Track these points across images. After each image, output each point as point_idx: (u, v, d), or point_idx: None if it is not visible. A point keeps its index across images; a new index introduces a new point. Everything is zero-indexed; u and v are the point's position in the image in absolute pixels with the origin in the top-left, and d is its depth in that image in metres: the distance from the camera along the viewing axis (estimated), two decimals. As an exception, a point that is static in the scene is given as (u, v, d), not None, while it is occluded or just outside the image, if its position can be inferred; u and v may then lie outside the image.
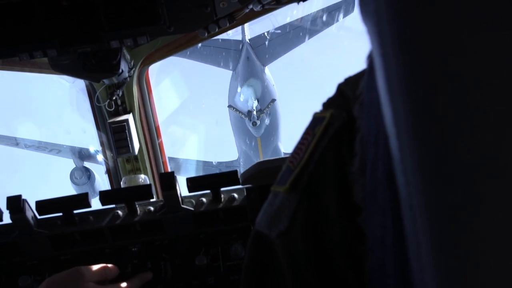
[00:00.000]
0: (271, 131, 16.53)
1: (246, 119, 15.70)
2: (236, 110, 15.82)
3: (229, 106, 15.73)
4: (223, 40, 16.34)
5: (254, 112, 15.69)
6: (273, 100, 15.84)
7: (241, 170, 15.07)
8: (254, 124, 15.60)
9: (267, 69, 16.28)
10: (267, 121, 15.75)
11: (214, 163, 18.12)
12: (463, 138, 0.53)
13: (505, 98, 0.52)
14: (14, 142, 17.02)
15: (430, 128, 0.55)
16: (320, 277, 0.91)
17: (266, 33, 16.06)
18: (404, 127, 0.58)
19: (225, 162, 18.35)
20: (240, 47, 15.86)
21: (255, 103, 15.64)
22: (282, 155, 15.87)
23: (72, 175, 15.64)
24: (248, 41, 15.84)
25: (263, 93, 15.81)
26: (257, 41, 16.02)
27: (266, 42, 16.00)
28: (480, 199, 0.52)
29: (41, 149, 17.54)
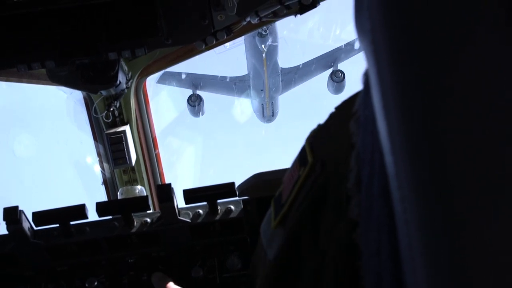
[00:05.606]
0: (272, 50, 20.12)
1: (257, 38, 19.44)
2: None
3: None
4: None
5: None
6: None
7: (250, 84, 19.99)
8: (262, 35, 19.27)
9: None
10: (270, 40, 19.70)
11: (228, 79, 21.45)
12: (458, 155, 0.53)
13: (500, 115, 0.52)
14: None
15: (424, 144, 0.55)
16: None
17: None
18: (399, 143, 0.58)
19: (238, 77, 21.55)
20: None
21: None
22: (280, 70, 19.85)
23: (189, 99, 20.48)
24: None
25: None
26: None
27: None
28: (475, 215, 0.52)
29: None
